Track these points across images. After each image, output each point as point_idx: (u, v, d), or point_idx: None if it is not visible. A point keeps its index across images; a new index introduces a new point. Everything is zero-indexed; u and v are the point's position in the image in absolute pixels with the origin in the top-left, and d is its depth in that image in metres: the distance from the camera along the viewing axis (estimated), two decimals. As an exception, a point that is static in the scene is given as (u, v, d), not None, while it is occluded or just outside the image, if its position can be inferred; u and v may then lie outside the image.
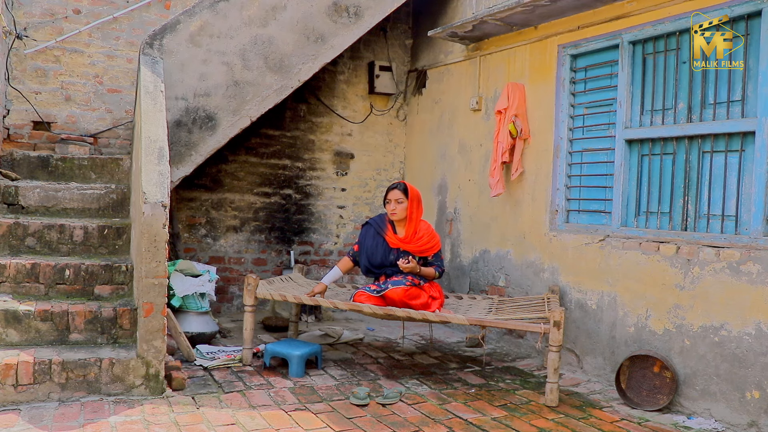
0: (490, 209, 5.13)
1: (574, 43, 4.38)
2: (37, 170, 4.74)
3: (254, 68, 4.75)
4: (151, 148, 3.67)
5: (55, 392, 3.24)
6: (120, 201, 4.56)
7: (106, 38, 5.43)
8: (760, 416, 3.20)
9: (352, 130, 6.25)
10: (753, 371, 3.24)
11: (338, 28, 4.97)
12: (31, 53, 5.19)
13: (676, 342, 3.61)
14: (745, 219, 3.42)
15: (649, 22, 3.87)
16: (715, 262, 3.42)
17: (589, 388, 3.95)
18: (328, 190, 6.17)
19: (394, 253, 4.21)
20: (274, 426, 3.08)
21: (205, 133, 4.63)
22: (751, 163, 3.40)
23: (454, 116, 5.66)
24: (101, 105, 5.44)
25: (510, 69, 4.98)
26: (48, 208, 4.40)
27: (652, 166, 3.93)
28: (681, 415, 3.50)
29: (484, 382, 3.98)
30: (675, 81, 3.79)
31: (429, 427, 3.17)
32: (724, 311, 3.38)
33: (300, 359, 3.91)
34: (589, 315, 4.16)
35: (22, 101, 5.17)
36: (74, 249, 4.09)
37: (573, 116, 4.44)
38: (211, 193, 5.67)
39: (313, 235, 6.11)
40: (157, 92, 4.07)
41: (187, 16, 4.57)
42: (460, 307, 4.41)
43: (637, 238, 3.88)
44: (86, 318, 3.56)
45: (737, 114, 3.47)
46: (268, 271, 5.87)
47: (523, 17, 4.55)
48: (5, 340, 3.44)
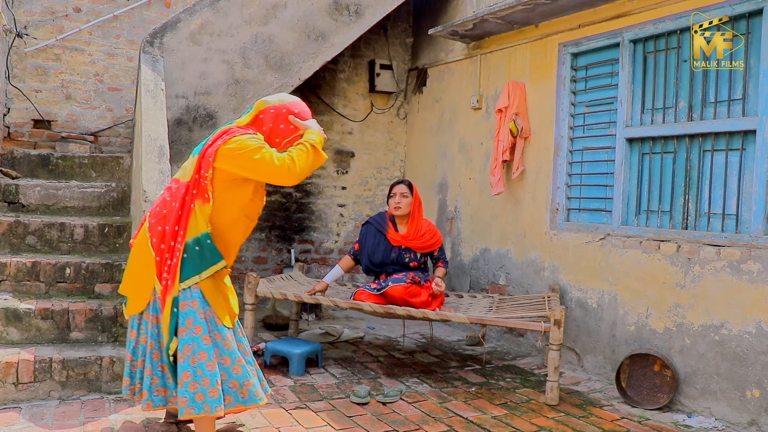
0: (490, 208, 5.12)
1: (575, 41, 4.38)
2: (38, 168, 4.74)
3: (255, 66, 4.75)
4: (151, 147, 3.67)
5: (55, 390, 3.24)
6: (120, 199, 4.56)
7: (107, 36, 5.43)
8: (761, 415, 3.20)
9: (352, 129, 6.25)
10: (753, 370, 3.24)
11: (339, 26, 4.97)
12: (32, 51, 5.19)
13: (676, 341, 3.61)
14: (746, 218, 3.42)
15: (650, 20, 3.86)
16: (716, 261, 3.42)
17: (590, 386, 3.95)
18: (328, 188, 6.17)
19: (396, 251, 4.21)
20: (275, 424, 3.09)
21: (206, 132, 4.63)
22: (751, 162, 3.39)
23: (454, 115, 5.66)
24: (102, 103, 5.44)
25: (511, 67, 4.97)
26: (48, 206, 4.40)
27: (653, 164, 3.93)
28: (681, 413, 3.50)
29: (485, 381, 3.98)
30: (676, 79, 3.78)
31: (429, 425, 3.17)
32: (725, 310, 3.38)
33: (300, 357, 3.91)
34: (589, 314, 4.16)
35: (22, 99, 5.17)
36: (75, 247, 4.09)
37: (574, 115, 4.44)
38: (211, 191, 5.66)
39: (314, 234, 6.11)
40: (158, 90, 4.07)
41: (187, 15, 4.57)
42: (460, 306, 4.41)
43: (638, 237, 3.88)
44: (87, 316, 3.56)
45: (738, 113, 3.47)
46: (268, 269, 5.87)
47: (523, 15, 4.54)
48: (6, 339, 3.44)
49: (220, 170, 2.55)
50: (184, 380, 2.50)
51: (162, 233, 2.57)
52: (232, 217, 2.63)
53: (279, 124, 2.70)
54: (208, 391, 2.50)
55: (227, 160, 2.54)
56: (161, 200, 2.66)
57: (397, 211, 4.22)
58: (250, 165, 2.53)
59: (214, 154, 2.54)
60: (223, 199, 2.58)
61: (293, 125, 2.71)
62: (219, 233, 2.63)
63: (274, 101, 2.74)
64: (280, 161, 2.54)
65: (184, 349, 2.52)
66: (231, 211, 2.61)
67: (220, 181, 2.56)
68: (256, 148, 2.54)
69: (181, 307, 2.55)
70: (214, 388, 2.51)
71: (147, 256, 2.60)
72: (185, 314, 2.54)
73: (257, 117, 2.72)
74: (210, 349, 2.55)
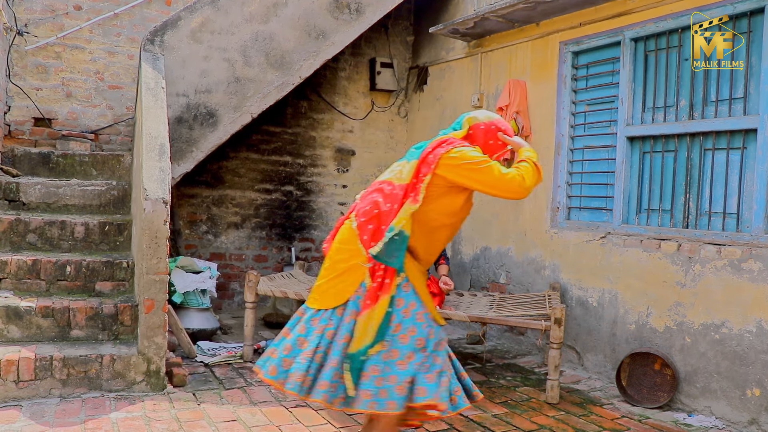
0: (491, 206, 5.12)
1: (576, 40, 4.37)
2: (38, 167, 4.74)
3: (255, 65, 4.74)
4: (152, 145, 3.67)
5: (56, 388, 3.25)
6: (121, 197, 4.56)
7: (107, 35, 5.42)
8: (761, 414, 3.20)
9: (353, 127, 6.24)
10: (754, 369, 3.24)
11: (339, 24, 4.96)
12: (32, 49, 5.19)
13: (676, 339, 3.61)
14: (747, 217, 3.41)
15: (651, 19, 3.86)
16: (717, 260, 3.42)
17: (590, 385, 3.95)
18: (329, 186, 6.17)
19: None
20: (275, 422, 3.09)
21: (206, 130, 4.63)
22: (752, 161, 3.39)
23: (455, 113, 5.64)
24: (102, 101, 5.43)
25: (511, 66, 4.97)
26: (49, 204, 4.40)
27: (654, 163, 3.93)
28: (681, 412, 3.50)
29: (485, 379, 3.98)
30: (677, 78, 3.78)
31: (430, 423, 3.17)
32: (725, 309, 3.37)
33: (301, 356, 3.90)
34: (590, 312, 4.16)
35: (23, 98, 5.17)
36: (75, 245, 4.09)
37: (574, 113, 4.43)
38: (212, 189, 5.67)
39: (314, 232, 6.11)
40: (158, 89, 4.07)
41: (188, 13, 4.56)
42: (461, 304, 4.41)
43: (639, 236, 3.88)
44: (87, 314, 3.56)
45: (739, 111, 3.46)
46: (269, 267, 5.87)
47: (524, 14, 4.54)
48: (6, 337, 3.44)
49: (439, 177, 2.62)
50: (371, 374, 2.50)
51: (375, 231, 2.60)
52: (438, 222, 2.70)
53: (488, 140, 2.78)
54: (396, 392, 2.47)
55: (449, 169, 2.61)
56: (371, 201, 2.68)
57: None
58: (476, 176, 2.61)
59: (436, 162, 2.61)
60: (435, 205, 2.64)
61: (501, 141, 2.81)
62: (422, 236, 2.66)
63: (482, 118, 2.82)
64: (510, 175, 2.63)
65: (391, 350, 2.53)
66: (439, 216, 2.68)
67: (436, 187, 2.63)
68: (482, 160, 2.63)
69: (397, 305, 2.54)
70: (401, 386, 2.48)
71: (355, 254, 2.61)
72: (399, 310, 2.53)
73: (468, 133, 2.81)
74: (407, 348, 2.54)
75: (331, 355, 2.51)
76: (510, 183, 2.62)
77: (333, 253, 2.69)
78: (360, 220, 2.65)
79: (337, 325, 2.55)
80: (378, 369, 2.47)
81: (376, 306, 2.49)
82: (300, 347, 2.55)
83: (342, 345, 2.51)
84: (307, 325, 2.60)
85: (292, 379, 2.51)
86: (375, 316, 2.48)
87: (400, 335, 2.51)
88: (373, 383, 2.46)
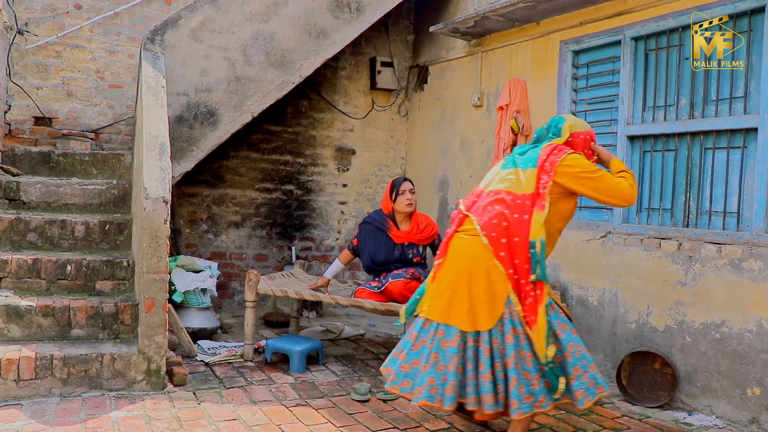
0: (491, 205, 5.11)
1: (576, 39, 4.37)
2: (39, 166, 4.74)
3: (256, 64, 4.74)
4: (152, 144, 3.67)
5: (56, 387, 3.25)
6: (121, 196, 4.56)
7: (108, 34, 5.42)
8: (761, 413, 3.20)
9: (353, 126, 6.24)
10: (754, 368, 3.24)
11: (340, 23, 4.96)
12: (32, 48, 5.19)
13: (677, 339, 3.61)
14: (747, 216, 3.41)
15: (651, 18, 3.85)
16: (717, 259, 3.42)
17: (590, 384, 3.95)
18: (329, 185, 6.17)
19: (399, 248, 4.21)
20: (275, 421, 3.09)
21: (207, 129, 4.63)
22: (753, 160, 3.39)
23: (455, 112, 5.65)
24: (102, 100, 5.43)
25: (512, 65, 4.97)
26: (49, 203, 4.40)
27: (654, 162, 3.93)
28: (682, 411, 3.51)
29: (485, 379, 3.98)
30: (677, 77, 3.77)
31: (430, 422, 3.18)
32: (726, 308, 3.37)
33: (301, 355, 3.91)
34: (590, 311, 4.16)
35: (23, 97, 5.17)
36: (75, 244, 4.09)
37: (575, 112, 4.43)
38: (212, 188, 5.67)
39: (315, 231, 6.11)
40: (159, 88, 4.07)
41: (188, 12, 4.56)
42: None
43: (639, 235, 3.88)
44: (88, 313, 3.57)
45: (740, 110, 3.46)
46: (269, 266, 5.87)
47: (525, 13, 4.54)
48: (7, 336, 3.45)
49: (557, 184, 2.74)
50: (576, 374, 2.68)
51: (509, 245, 2.68)
52: (554, 227, 2.81)
53: (584, 149, 2.93)
54: (597, 375, 2.73)
55: (568, 177, 2.74)
56: (496, 214, 2.73)
57: (409, 208, 4.22)
58: (594, 184, 2.75)
59: (554, 169, 2.74)
60: (552, 210, 2.75)
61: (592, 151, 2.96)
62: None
63: (581, 127, 2.97)
64: (623, 185, 2.78)
65: (568, 347, 2.68)
66: (556, 221, 2.80)
67: (554, 194, 2.74)
68: (596, 169, 2.79)
69: (549, 312, 2.69)
70: (597, 372, 2.75)
71: (492, 270, 2.68)
72: (552, 317, 2.70)
73: (568, 140, 2.93)
74: (579, 340, 2.75)
75: (511, 373, 2.64)
76: (624, 192, 2.77)
77: (463, 269, 2.73)
78: (491, 234, 2.71)
79: (501, 343, 2.67)
80: (579, 368, 2.67)
81: (538, 319, 2.63)
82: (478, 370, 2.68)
83: (515, 362, 2.63)
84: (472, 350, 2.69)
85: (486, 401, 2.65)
86: (540, 328, 2.62)
87: (571, 331, 2.73)
88: (581, 380, 2.68)
